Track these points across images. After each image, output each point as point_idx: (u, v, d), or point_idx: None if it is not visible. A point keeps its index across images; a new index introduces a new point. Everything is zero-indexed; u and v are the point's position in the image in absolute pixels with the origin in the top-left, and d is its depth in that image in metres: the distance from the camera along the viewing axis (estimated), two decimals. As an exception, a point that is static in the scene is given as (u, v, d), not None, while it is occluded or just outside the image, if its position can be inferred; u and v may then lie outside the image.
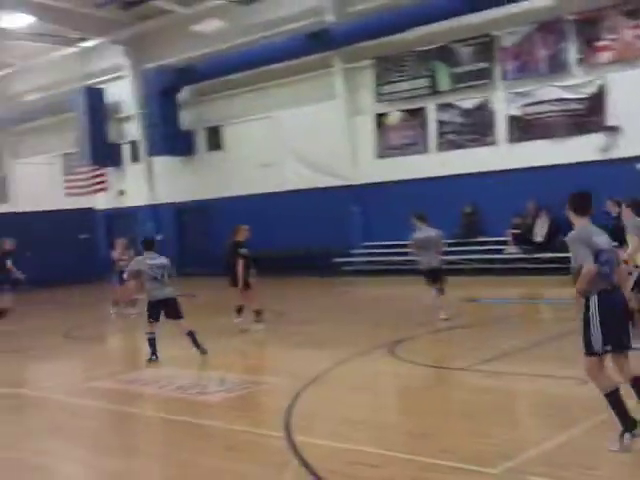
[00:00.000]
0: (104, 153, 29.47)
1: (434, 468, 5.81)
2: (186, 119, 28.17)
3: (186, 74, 26.53)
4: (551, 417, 7.12)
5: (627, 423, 5.83)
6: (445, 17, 20.69)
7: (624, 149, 18.65)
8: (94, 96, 29.21)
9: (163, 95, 27.23)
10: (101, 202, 30.65)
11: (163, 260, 11.40)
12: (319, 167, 24.41)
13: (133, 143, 29.94)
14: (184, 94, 27.96)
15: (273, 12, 24.28)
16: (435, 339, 11.67)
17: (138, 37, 28.21)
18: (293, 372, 9.81)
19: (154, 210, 29.63)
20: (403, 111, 22.87)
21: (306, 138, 24.54)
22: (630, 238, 10.34)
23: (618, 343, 5.93)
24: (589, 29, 19.11)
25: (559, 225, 18.06)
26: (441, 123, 22.09)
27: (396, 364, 9.83)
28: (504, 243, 20.66)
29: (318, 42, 22.65)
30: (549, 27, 19.70)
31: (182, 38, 26.74)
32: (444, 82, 21.74)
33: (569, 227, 6.36)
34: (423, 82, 22.13)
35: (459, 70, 21.42)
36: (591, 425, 6.60)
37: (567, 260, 6.61)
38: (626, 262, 10.04)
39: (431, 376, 9.18)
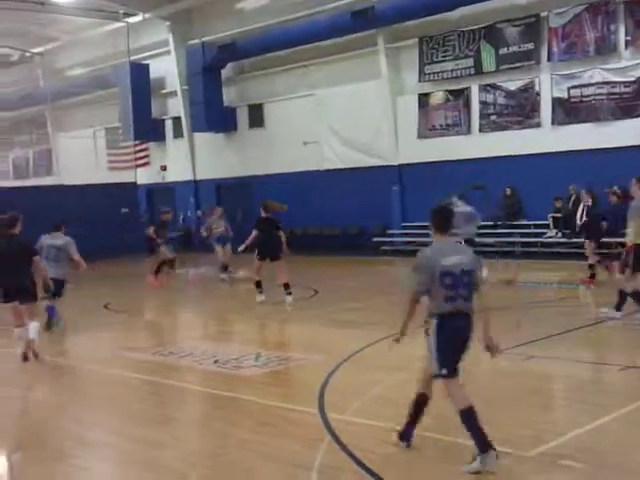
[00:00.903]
0: (147, 128, 29.66)
1: (464, 448, 5.80)
2: (229, 96, 28.25)
3: (230, 51, 26.57)
4: (586, 402, 7.07)
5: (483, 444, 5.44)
6: (492, -4, 20.45)
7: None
8: (138, 71, 29.36)
9: (206, 71, 27.31)
10: (142, 177, 30.94)
11: None
12: (360, 146, 24.34)
13: (176, 119, 30.11)
14: (227, 71, 28.02)
15: (318, -11, 24.16)
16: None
17: (183, 13, 28.31)
18: (328, 350, 9.85)
19: (194, 186, 29.85)
20: (447, 91, 22.67)
21: (348, 117, 24.46)
22: (631, 220, 10.51)
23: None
24: (639, 11, 18.71)
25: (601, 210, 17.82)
26: (484, 104, 21.85)
27: (431, 345, 9.81)
28: (545, 227, 20.45)
29: (362, 20, 22.51)
30: (598, 8, 19.32)
31: (226, 15, 26.77)
32: (489, 63, 21.47)
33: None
34: (468, 62, 21.89)
35: (505, 51, 21.13)
36: (626, 411, 6.55)
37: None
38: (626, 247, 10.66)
39: (466, 358, 9.13)
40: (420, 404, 5.98)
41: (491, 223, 21.34)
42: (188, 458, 6.09)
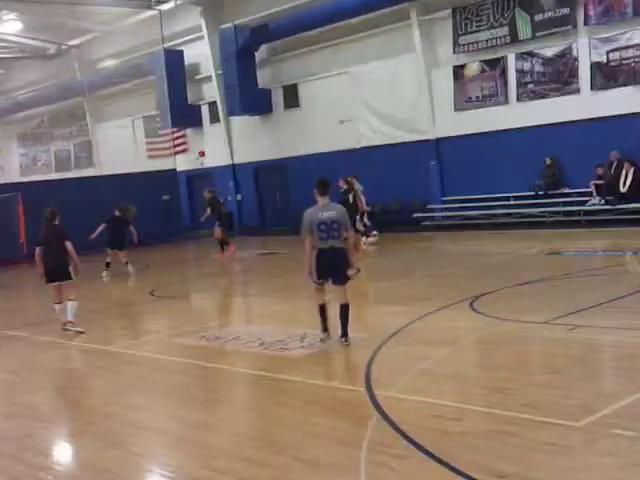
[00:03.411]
0: (184, 115, 29.87)
1: (516, 421, 5.80)
2: (263, 78, 28.27)
3: (262, 33, 26.57)
4: (634, 370, 7.01)
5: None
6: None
7: None
8: (173, 58, 29.56)
9: (240, 55, 27.36)
10: (182, 163, 31.18)
11: None
12: (397, 122, 24.22)
13: (211, 104, 30.24)
14: (261, 53, 28.02)
15: (347, -35, 23.96)
16: (516, 293, 11.54)
17: (214, -3, 28.36)
18: (372, 327, 9.90)
19: (233, 170, 30.00)
20: (482, 62, 22.41)
21: (383, 93, 24.35)
22: None
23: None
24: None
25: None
26: (521, 73, 21.56)
27: (476, 318, 9.80)
28: (587, 195, 20.17)
29: (394, -6, 22.31)
30: (634, -33, 18.90)
31: (257, -4, 26.74)
32: (524, 30, 21.15)
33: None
34: (503, 31, 21.60)
35: (540, 17, 20.80)
36: (677, 378, 6.47)
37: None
38: None
39: (512, 330, 9.10)
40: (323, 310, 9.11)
41: (532, 193, 21.14)
42: (237, 439, 6.18)
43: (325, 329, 9.07)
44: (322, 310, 9.06)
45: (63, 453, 6.61)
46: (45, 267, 11.41)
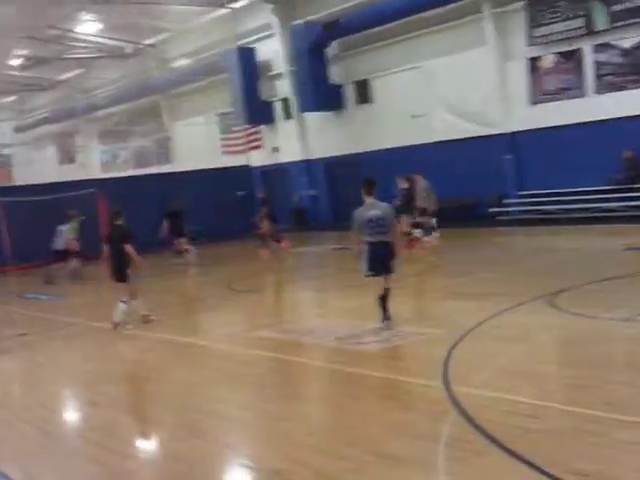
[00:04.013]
0: (257, 111, 30.16)
1: (597, 420, 5.73)
2: (335, 74, 28.33)
3: (333, 29, 26.59)
4: None
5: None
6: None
7: None
8: (246, 56, 29.87)
9: (312, 51, 27.45)
10: (256, 159, 31.52)
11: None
12: (470, 116, 23.98)
13: (284, 100, 30.46)
14: (332, 48, 28.08)
15: (420, -41, 23.82)
16: (596, 289, 11.33)
17: (285, -6, 28.56)
18: (449, 323, 9.87)
19: (306, 165, 30.17)
20: (557, 54, 21.97)
21: (456, 87, 24.12)
22: None
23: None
24: None
25: None
26: (599, 64, 21.06)
27: (556, 315, 9.67)
28: (669, 188, 19.60)
29: (467, -13, 22.08)
30: None
31: (329, -8, 26.80)
32: (601, 21, 20.63)
33: None
34: (578, 22, 21.10)
35: (617, 7, 20.23)
36: None
37: None
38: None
39: (592, 327, 8.96)
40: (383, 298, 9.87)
41: (611, 187, 20.67)
42: (315, 432, 6.28)
43: (385, 318, 9.79)
44: (382, 300, 9.83)
45: (147, 442, 6.82)
46: (108, 266, 11.93)
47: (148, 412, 7.60)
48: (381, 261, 9.72)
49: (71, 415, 8.05)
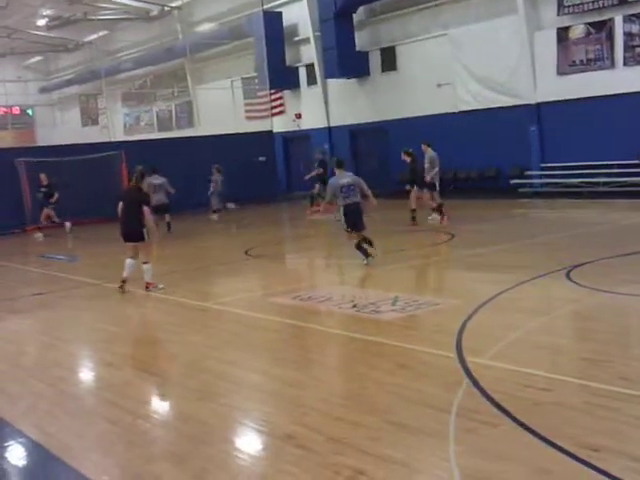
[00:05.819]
0: (282, 77, 30.00)
1: (609, 394, 5.69)
2: (360, 40, 28.06)
3: (361, -6, 26.30)
4: None
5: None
6: None
7: None
8: (272, 20, 29.62)
9: (338, 16, 27.19)
10: (278, 125, 31.40)
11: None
12: (496, 86, 23.69)
13: (309, 66, 30.25)
14: (359, 14, 27.79)
15: None
16: (615, 264, 11.21)
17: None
18: (466, 293, 9.83)
19: (329, 132, 30.02)
20: (587, 24, 21.58)
21: (483, 56, 23.81)
22: None
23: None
24: None
25: None
26: (629, 36, 20.68)
27: (573, 289, 9.60)
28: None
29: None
30: None
31: (357, -43, 26.43)
32: (634, -9, 20.23)
33: None
34: (610, -8, 20.71)
35: (651, -23, 19.83)
36: None
37: None
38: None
39: (609, 302, 8.88)
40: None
41: (637, 162, 20.40)
42: (328, 398, 6.29)
43: (367, 256, 12.25)
44: (359, 246, 12.29)
45: (160, 403, 6.87)
46: (121, 226, 11.79)
47: (162, 373, 7.65)
48: (355, 218, 12.31)
49: (86, 374, 8.12)
